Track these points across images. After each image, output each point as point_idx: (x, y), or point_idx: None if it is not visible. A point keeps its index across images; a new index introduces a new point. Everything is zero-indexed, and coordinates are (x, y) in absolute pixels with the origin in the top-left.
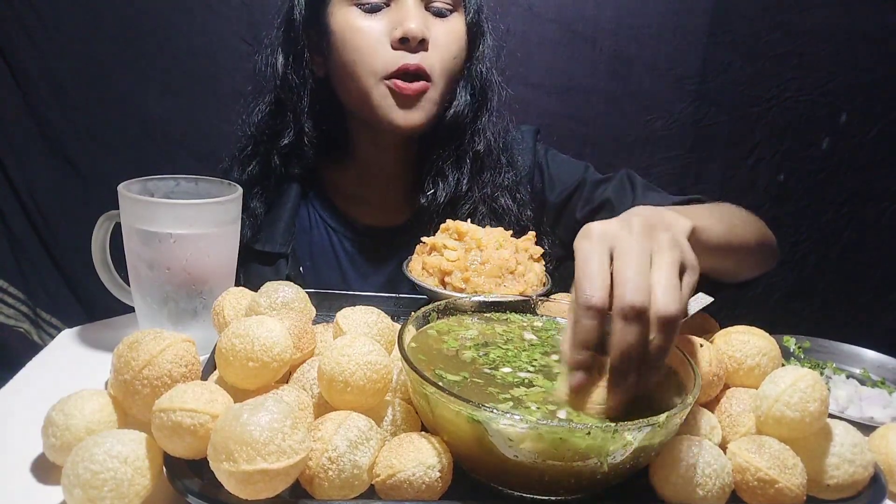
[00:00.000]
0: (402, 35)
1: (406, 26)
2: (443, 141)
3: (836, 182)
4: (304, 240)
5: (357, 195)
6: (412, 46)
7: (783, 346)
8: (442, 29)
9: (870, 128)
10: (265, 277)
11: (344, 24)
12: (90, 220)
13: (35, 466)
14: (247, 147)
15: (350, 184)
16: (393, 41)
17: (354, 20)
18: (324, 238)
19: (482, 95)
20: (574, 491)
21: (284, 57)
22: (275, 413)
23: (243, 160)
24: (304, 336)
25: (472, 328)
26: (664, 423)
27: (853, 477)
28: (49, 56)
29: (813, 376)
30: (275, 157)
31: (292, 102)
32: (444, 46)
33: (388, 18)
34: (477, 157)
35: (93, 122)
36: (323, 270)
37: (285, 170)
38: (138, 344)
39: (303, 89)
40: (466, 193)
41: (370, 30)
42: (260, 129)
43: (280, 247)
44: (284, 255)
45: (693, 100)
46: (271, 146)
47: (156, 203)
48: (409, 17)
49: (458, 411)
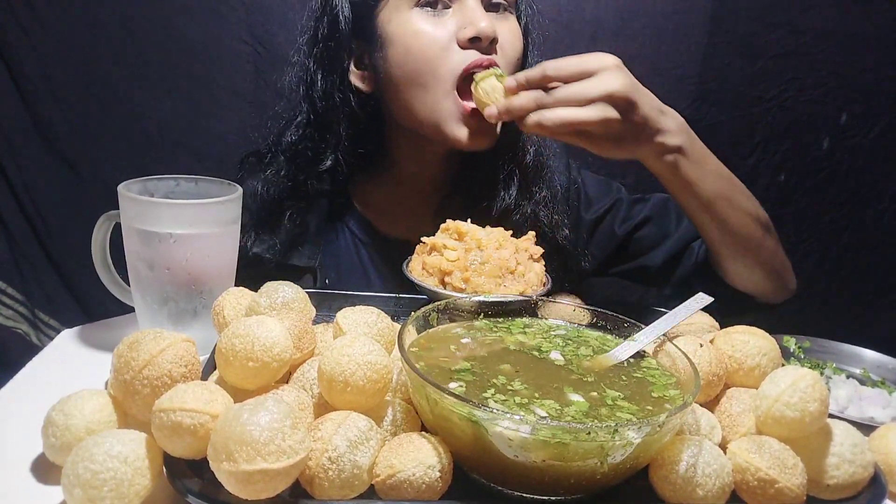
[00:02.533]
0: (475, 34)
1: (478, 25)
2: (495, 154)
3: (837, 182)
4: (331, 250)
5: (387, 209)
6: (483, 46)
7: (783, 346)
8: (506, 27)
9: (870, 128)
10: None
11: (406, 28)
12: (90, 220)
13: (35, 466)
14: (278, 168)
15: (382, 197)
16: (462, 41)
17: (418, 23)
18: (350, 250)
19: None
20: (574, 491)
21: (324, 74)
22: (275, 413)
23: (271, 179)
24: (304, 336)
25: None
26: (664, 423)
27: (853, 477)
28: (48, 57)
29: (813, 376)
30: (309, 175)
31: (333, 123)
32: (509, 46)
33: (453, 19)
34: (526, 169)
35: (92, 122)
36: (349, 283)
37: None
38: (138, 344)
39: (345, 108)
40: (517, 205)
41: (436, 32)
42: (294, 151)
43: (308, 260)
44: (311, 269)
45: (693, 100)
46: (308, 169)
47: (156, 203)
48: (478, 17)
49: (458, 411)
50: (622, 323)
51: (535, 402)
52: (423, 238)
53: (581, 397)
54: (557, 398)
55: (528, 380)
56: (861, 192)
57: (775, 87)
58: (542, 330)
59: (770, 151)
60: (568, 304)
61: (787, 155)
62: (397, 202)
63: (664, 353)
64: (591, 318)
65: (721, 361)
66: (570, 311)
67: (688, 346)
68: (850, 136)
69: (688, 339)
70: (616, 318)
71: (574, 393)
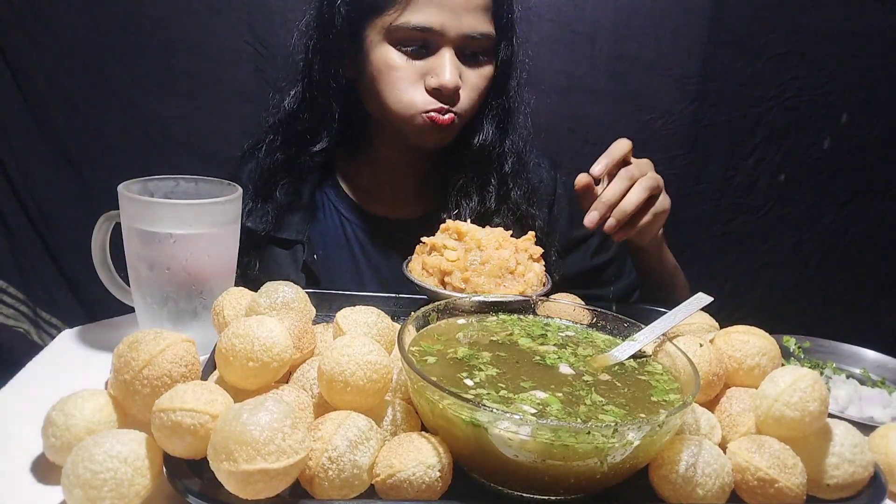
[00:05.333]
0: (438, 86)
1: (442, 79)
2: (469, 165)
3: (838, 182)
4: (318, 228)
5: (370, 188)
6: (445, 97)
7: (783, 346)
8: (473, 74)
9: (871, 128)
10: (282, 261)
11: (381, 58)
12: (92, 219)
13: (35, 466)
14: (274, 137)
15: (364, 177)
16: (427, 87)
17: (391, 58)
18: (337, 227)
19: (508, 120)
20: (574, 491)
21: (320, 62)
22: (275, 413)
23: (269, 149)
24: (304, 336)
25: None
26: (664, 423)
27: (853, 477)
28: (49, 56)
29: (813, 376)
30: (301, 149)
31: (323, 104)
32: (473, 88)
33: (425, 64)
34: (504, 179)
35: (93, 122)
36: (336, 259)
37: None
38: (138, 344)
39: (334, 87)
40: (498, 209)
41: (406, 70)
42: (288, 122)
43: (297, 234)
44: (300, 242)
45: (693, 100)
46: (299, 138)
47: (156, 203)
48: (444, 70)
49: (458, 412)
50: (622, 323)
51: (517, 399)
52: (423, 238)
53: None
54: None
55: (515, 374)
56: (862, 193)
57: (775, 86)
58: (540, 327)
59: (770, 151)
60: (568, 304)
61: (788, 155)
62: (379, 183)
63: (664, 353)
64: (591, 318)
65: (721, 361)
66: (570, 310)
67: (688, 346)
68: (851, 136)
69: (688, 339)
70: (616, 318)
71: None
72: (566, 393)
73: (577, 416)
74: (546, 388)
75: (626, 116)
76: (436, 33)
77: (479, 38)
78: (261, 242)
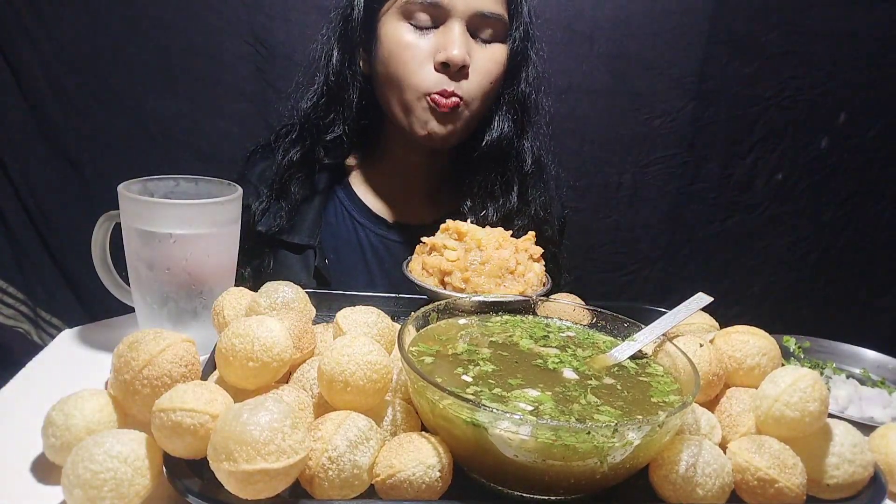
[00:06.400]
0: (445, 60)
1: (449, 52)
2: (487, 163)
3: (836, 181)
4: (330, 232)
5: (384, 192)
6: (452, 72)
7: (783, 346)
8: (484, 55)
9: (869, 127)
10: (293, 266)
11: (393, 36)
12: (90, 220)
13: (35, 466)
14: (291, 133)
15: (378, 180)
16: (436, 64)
17: (403, 35)
18: (350, 231)
19: (524, 117)
20: (574, 491)
21: (339, 51)
22: (275, 413)
23: (287, 145)
24: (304, 336)
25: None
26: (664, 423)
27: (853, 477)
28: (50, 56)
29: (813, 376)
30: (318, 146)
31: (341, 95)
32: (483, 72)
33: (435, 40)
34: (524, 180)
35: (93, 122)
36: (347, 263)
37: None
38: (138, 344)
39: (352, 84)
40: (520, 209)
41: (416, 48)
42: (308, 118)
43: (308, 239)
44: (312, 247)
45: (692, 99)
46: (317, 135)
47: (156, 203)
48: (453, 44)
49: (458, 412)
50: (622, 323)
51: (512, 396)
52: (422, 238)
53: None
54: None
55: (511, 373)
56: (860, 192)
57: (774, 86)
58: (542, 328)
59: (769, 150)
60: (568, 305)
61: (786, 154)
62: (392, 188)
63: (664, 353)
64: (591, 318)
65: (721, 361)
66: (570, 311)
67: (688, 346)
68: (850, 135)
69: (688, 339)
70: (616, 318)
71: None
72: (557, 392)
73: (571, 414)
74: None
75: (625, 116)
76: (445, 7)
77: (490, 17)
78: (272, 246)
